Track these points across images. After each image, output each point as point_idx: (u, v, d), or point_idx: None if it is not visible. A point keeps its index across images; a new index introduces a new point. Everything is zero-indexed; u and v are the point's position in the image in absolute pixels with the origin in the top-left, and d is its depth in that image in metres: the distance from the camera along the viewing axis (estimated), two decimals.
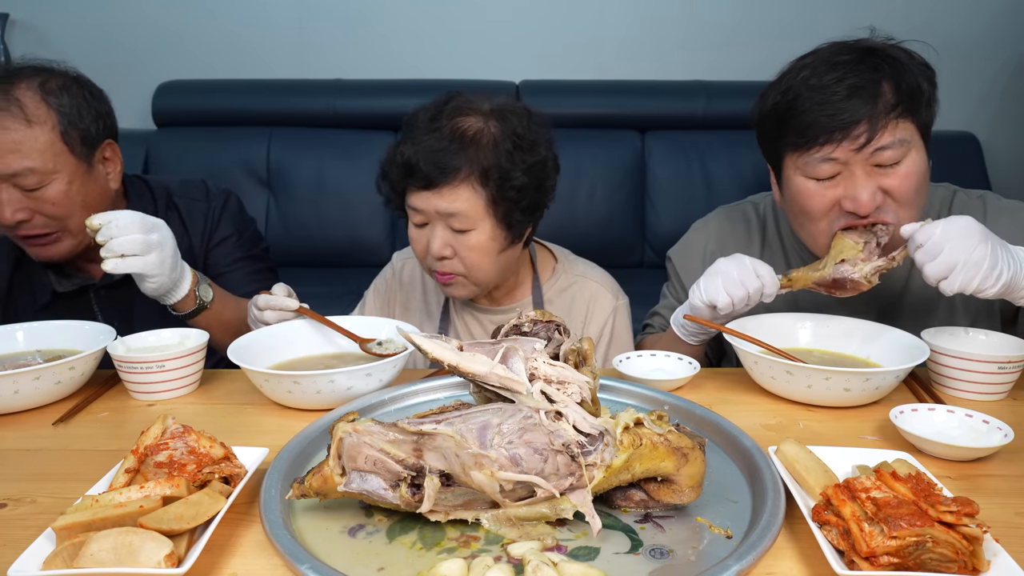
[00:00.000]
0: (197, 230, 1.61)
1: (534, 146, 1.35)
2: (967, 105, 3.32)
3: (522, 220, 1.36)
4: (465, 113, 1.32)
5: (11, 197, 1.36)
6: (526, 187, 1.32)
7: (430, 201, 1.31)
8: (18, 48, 3.34)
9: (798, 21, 3.28)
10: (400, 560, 0.75)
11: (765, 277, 1.24)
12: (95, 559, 0.67)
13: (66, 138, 1.38)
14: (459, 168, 1.28)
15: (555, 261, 1.59)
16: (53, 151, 1.36)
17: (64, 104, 1.38)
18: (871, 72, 1.21)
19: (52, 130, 1.36)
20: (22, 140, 1.33)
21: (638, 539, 0.78)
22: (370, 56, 3.38)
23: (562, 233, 3.25)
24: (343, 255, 3.09)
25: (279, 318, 1.32)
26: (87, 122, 1.41)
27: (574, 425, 0.78)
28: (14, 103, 1.34)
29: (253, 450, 0.91)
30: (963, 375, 1.16)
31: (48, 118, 1.36)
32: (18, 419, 1.14)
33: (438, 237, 1.33)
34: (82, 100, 1.42)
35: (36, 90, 1.37)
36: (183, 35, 3.37)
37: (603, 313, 1.52)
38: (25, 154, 1.33)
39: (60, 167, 1.37)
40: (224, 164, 3.07)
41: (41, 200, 1.37)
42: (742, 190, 2.81)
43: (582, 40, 3.38)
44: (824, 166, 1.23)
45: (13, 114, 1.33)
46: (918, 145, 1.24)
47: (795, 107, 1.24)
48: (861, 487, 0.75)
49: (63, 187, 1.38)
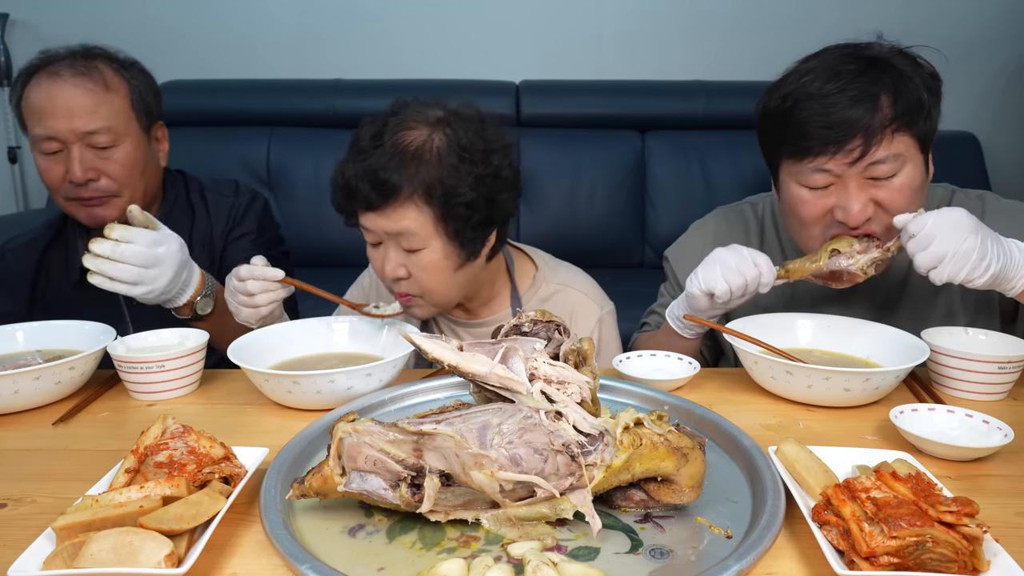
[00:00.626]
0: (220, 222, 1.69)
1: (486, 156, 1.27)
2: (967, 105, 3.32)
3: (475, 236, 1.29)
4: (409, 127, 1.25)
5: (83, 156, 1.48)
6: (475, 202, 1.25)
7: (377, 222, 1.26)
8: (18, 48, 3.34)
9: (798, 21, 3.29)
10: (400, 560, 0.75)
11: (763, 266, 1.24)
12: (95, 559, 0.67)
13: (135, 107, 1.54)
14: (400, 186, 1.22)
15: (535, 268, 1.52)
16: (125, 116, 1.52)
17: (134, 78, 1.56)
18: (871, 85, 1.21)
19: (124, 98, 1.53)
20: (100, 103, 1.48)
21: (638, 539, 0.78)
22: (370, 56, 3.38)
23: (562, 233, 3.28)
24: (343, 255, 3.08)
25: (263, 288, 1.28)
26: (149, 99, 1.58)
27: (574, 425, 0.78)
28: (95, 70, 1.49)
29: (253, 450, 0.91)
30: (963, 375, 1.16)
31: (122, 87, 1.53)
32: (18, 419, 1.14)
33: (391, 259, 1.29)
34: (144, 80, 1.59)
35: (111, 63, 1.54)
36: (183, 35, 3.37)
37: (587, 324, 1.47)
38: (103, 115, 1.48)
39: (129, 131, 1.52)
40: (224, 164, 3.07)
41: (109, 160, 1.50)
42: (742, 190, 2.81)
43: (582, 40, 3.39)
44: (817, 176, 1.24)
45: (94, 79, 1.49)
46: (915, 158, 1.24)
47: (793, 114, 1.24)
48: (861, 487, 0.75)
49: (130, 150, 1.52)
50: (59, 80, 1.46)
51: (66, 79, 1.46)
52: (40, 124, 1.46)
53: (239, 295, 1.30)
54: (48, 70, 1.48)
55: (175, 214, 1.65)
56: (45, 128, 1.46)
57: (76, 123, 1.46)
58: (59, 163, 1.49)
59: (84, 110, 1.46)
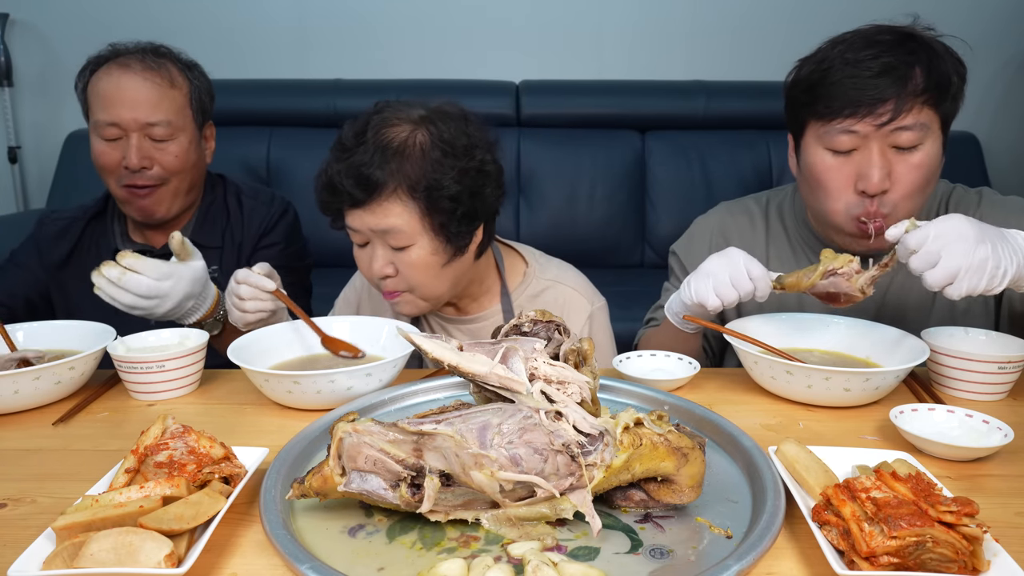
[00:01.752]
0: (253, 228, 1.76)
1: (469, 151, 1.28)
2: (967, 105, 3.26)
3: (461, 230, 1.30)
4: (392, 124, 1.27)
5: (141, 145, 1.57)
6: (460, 195, 1.26)
7: (363, 219, 1.27)
8: (18, 48, 3.34)
9: (798, 21, 3.28)
10: (400, 560, 0.75)
11: (758, 281, 1.21)
12: (95, 559, 0.67)
13: (193, 106, 1.64)
14: (384, 182, 1.23)
15: (525, 265, 1.52)
16: (184, 112, 1.62)
17: (195, 79, 1.66)
18: (906, 55, 1.24)
19: (185, 96, 1.63)
20: (164, 97, 1.58)
21: (638, 539, 0.78)
22: (370, 56, 3.38)
23: (562, 233, 3.28)
24: (342, 255, 3.07)
25: (252, 295, 1.30)
26: (205, 100, 1.68)
27: (574, 425, 0.78)
28: (163, 67, 1.60)
29: (253, 450, 0.91)
30: (963, 375, 1.16)
31: (184, 85, 1.63)
32: (18, 419, 1.14)
33: (378, 256, 1.30)
34: (204, 82, 1.69)
35: (177, 61, 1.64)
36: (183, 35, 3.33)
37: (578, 319, 1.47)
38: (164, 109, 1.58)
39: (185, 127, 1.62)
40: (224, 164, 3.03)
41: (164, 152, 1.59)
42: (742, 190, 2.81)
43: (582, 40, 3.39)
44: (843, 137, 1.26)
45: (162, 75, 1.59)
46: (936, 136, 1.27)
47: (827, 77, 1.27)
48: (861, 487, 0.75)
49: (185, 144, 1.62)
50: (129, 72, 1.56)
51: (136, 72, 1.56)
52: (105, 110, 1.56)
53: (232, 296, 1.32)
54: (119, 61, 1.58)
55: (212, 213, 1.74)
56: (110, 115, 1.55)
57: (140, 113, 1.55)
58: (117, 149, 1.57)
59: (149, 102, 1.56)
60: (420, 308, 1.38)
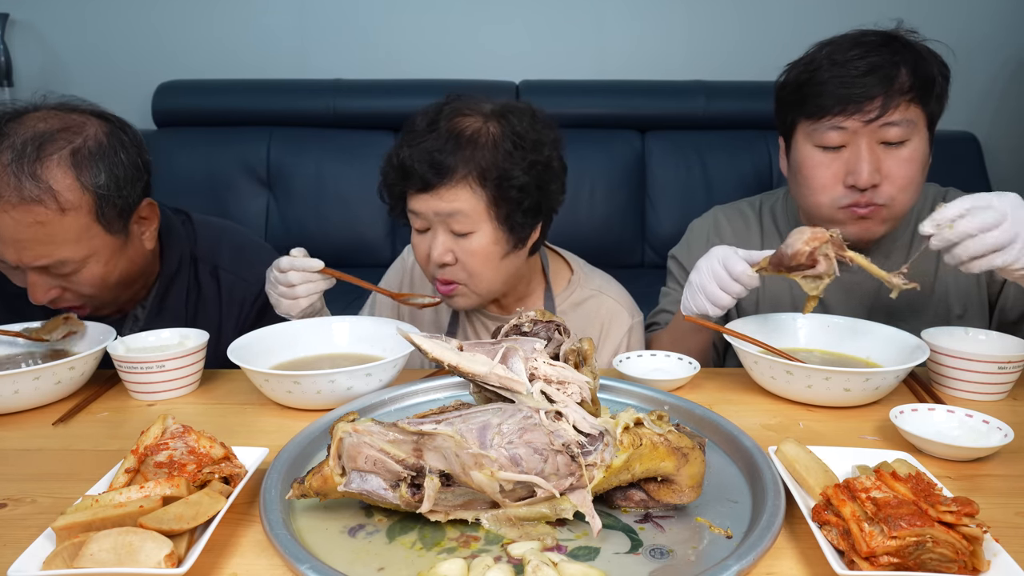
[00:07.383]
0: (232, 311, 1.48)
1: (537, 146, 1.31)
2: (967, 105, 3.32)
3: (524, 222, 1.32)
4: (464, 114, 1.30)
5: (42, 280, 1.27)
6: (527, 187, 1.29)
7: (429, 203, 1.29)
8: (18, 48, 3.34)
9: (798, 21, 3.28)
10: (400, 560, 0.75)
11: (742, 278, 1.20)
12: (95, 559, 0.67)
13: (102, 219, 1.25)
14: (456, 168, 1.25)
15: (570, 272, 1.55)
16: (88, 236, 1.25)
17: (100, 180, 1.24)
18: (892, 55, 1.28)
19: (88, 214, 1.24)
20: (55, 232, 1.21)
21: (638, 539, 0.78)
22: (370, 56, 3.38)
23: (562, 233, 3.25)
24: (343, 255, 3.08)
25: (303, 279, 1.29)
26: (125, 191, 1.27)
27: (574, 425, 0.78)
28: (47, 192, 1.19)
29: (253, 450, 0.91)
30: (963, 375, 1.16)
31: (83, 202, 1.22)
32: (18, 419, 1.14)
33: (439, 243, 1.31)
34: (119, 163, 1.26)
35: (69, 168, 1.21)
36: (183, 35, 3.37)
37: (619, 333, 1.48)
38: (59, 245, 1.22)
39: (95, 250, 1.27)
40: (224, 164, 3.08)
41: (73, 281, 1.29)
42: (742, 190, 2.81)
43: (582, 40, 3.38)
44: (832, 134, 1.29)
45: (46, 204, 1.19)
46: (923, 134, 1.30)
47: (815, 77, 1.30)
48: (861, 487, 0.75)
49: (99, 269, 1.29)
50: (2, 203, 1.18)
51: (12, 204, 1.18)
52: None
53: (279, 286, 1.30)
54: None
55: (168, 302, 1.44)
56: None
57: (26, 257, 1.23)
58: (17, 276, 1.29)
59: (36, 242, 1.21)
60: (473, 302, 1.40)
